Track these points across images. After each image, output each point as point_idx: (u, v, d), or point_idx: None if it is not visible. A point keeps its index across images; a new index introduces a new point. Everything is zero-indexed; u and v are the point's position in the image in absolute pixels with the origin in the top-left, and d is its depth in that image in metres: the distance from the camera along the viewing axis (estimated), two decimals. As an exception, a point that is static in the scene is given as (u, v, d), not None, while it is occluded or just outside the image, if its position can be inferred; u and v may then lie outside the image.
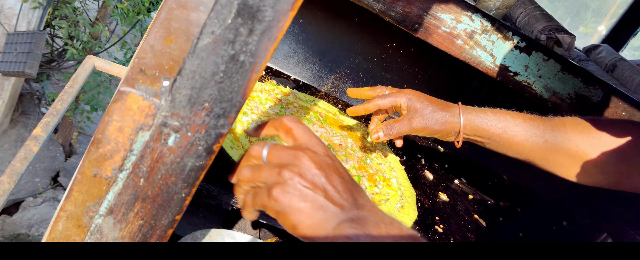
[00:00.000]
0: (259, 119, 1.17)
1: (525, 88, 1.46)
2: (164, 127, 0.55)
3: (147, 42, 0.65)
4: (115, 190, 0.56)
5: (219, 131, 0.56)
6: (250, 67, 0.53)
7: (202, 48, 0.52)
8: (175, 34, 0.69)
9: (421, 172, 1.42)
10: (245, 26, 0.52)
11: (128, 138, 0.54)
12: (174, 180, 0.57)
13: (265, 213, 0.90)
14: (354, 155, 1.26)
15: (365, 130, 1.43)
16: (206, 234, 0.89)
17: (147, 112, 0.54)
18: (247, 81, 0.54)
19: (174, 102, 0.54)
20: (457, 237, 1.19)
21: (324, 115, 1.37)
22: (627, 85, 1.63)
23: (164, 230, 0.59)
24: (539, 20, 1.54)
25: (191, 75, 0.53)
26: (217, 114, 0.55)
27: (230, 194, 0.91)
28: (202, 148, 0.56)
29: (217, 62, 0.53)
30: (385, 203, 1.16)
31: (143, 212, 0.58)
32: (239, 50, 0.52)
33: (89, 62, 1.62)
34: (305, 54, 2.01)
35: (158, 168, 0.56)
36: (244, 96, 0.55)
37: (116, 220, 0.57)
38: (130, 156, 0.55)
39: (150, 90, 0.54)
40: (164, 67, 0.60)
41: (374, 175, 1.23)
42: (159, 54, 0.62)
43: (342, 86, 2.06)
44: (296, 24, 1.99)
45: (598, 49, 1.83)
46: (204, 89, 0.54)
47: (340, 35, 2.04)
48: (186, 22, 0.75)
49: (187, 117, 0.55)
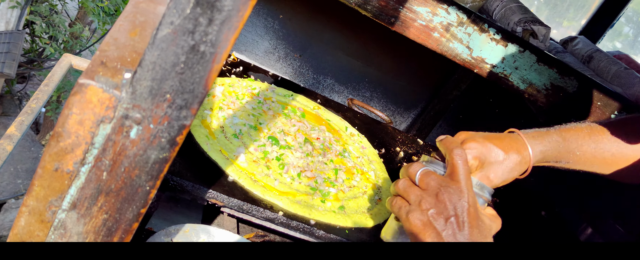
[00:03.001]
0: (235, 114, 1.17)
1: (502, 80, 1.47)
2: (126, 120, 0.54)
3: (110, 35, 0.64)
4: (77, 185, 0.55)
5: (182, 123, 0.55)
6: (211, 58, 0.53)
7: (161, 39, 0.52)
8: (141, 27, 0.69)
9: (400, 165, 1.42)
10: (205, 16, 0.51)
11: (89, 131, 0.54)
12: (137, 173, 0.56)
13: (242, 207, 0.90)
14: (332, 149, 1.26)
15: (344, 125, 1.44)
16: (180, 230, 0.88)
17: (107, 105, 0.54)
18: (208, 72, 0.54)
19: (135, 94, 0.53)
20: (435, 228, 1.19)
21: (302, 109, 1.37)
22: (603, 75, 1.65)
23: (129, 223, 0.58)
24: (515, 13, 1.55)
25: (151, 67, 0.53)
26: (180, 105, 0.54)
27: (204, 189, 0.91)
28: (165, 140, 0.56)
29: (178, 52, 0.52)
30: (363, 196, 1.16)
31: (107, 206, 0.57)
32: (199, 40, 0.52)
33: (65, 61, 1.60)
34: (286, 50, 2.01)
35: (121, 161, 0.55)
36: (205, 87, 0.54)
37: (80, 214, 0.57)
38: (91, 149, 0.55)
39: (110, 82, 0.54)
40: (126, 59, 0.59)
41: (351, 169, 1.23)
42: (122, 47, 0.62)
43: (323, 81, 2.06)
44: (276, 20, 1.98)
45: (575, 41, 1.84)
46: (165, 81, 0.53)
47: (320, 31, 2.04)
48: (153, 15, 0.74)
49: (148, 109, 0.54)
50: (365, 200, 1.15)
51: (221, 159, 1.00)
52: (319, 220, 1.00)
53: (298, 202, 1.00)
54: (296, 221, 0.96)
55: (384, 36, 1.84)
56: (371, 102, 2.09)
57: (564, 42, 1.91)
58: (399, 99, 2.15)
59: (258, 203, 0.95)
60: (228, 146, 1.05)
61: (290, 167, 1.09)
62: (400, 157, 1.48)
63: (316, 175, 1.11)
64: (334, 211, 1.05)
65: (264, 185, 1.00)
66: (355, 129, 1.45)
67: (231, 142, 1.07)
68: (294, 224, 0.96)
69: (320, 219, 1.00)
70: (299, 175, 1.08)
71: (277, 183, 1.02)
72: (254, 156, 1.07)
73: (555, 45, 1.88)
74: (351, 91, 2.07)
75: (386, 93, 2.10)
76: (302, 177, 1.08)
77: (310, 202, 1.03)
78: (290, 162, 1.11)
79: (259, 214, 0.94)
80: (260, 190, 0.98)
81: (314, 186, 1.08)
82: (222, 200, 0.92)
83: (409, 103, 2.15)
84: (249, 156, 1.06)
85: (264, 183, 1.01)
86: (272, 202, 0.97)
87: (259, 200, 0.96)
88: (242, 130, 1.12)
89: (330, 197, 1.08)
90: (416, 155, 1.55)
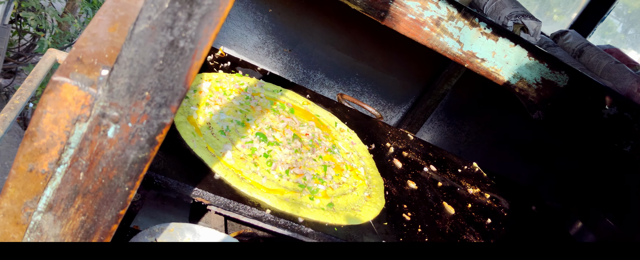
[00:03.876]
0: (222, 110, 1.15)
1: (493, 74, 1.46)
2: (103, 118, 0.52)
3: (88, 30, 0.62)
4: (53, 186, 0.54)
5: (162, 121, 0.53)
6: (191, 54, 0.51)
7: (139, 34, 0.50)
8: (120, 22, 0.67)
9: (390, 160, 1.41)
10: (184, 10, 0.50)
11: (64, 130, 0.52)
12: (116, 174, 0.54)
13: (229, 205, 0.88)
14: (321, 145, 1.24)
15: (333, 120, 1.42)
16: (165, 229, 0.87)
17: (83, 103, 0.52)
18: (188, 68, 0.52)
19: (112, 91, 0.52)
20: (425, 224, 1.18)
21: (291, 105, 1.35)
22: (594, 69, 1.64)
23: (108, 225, 0.56)
24: (506, 7, 1.54)
25: (129, 64, 0.51)
26: (159, 103, 0.53)
27: (189, 187, 0.89)
28: (144, 139, 0.54)
29: (156, 48, 0.50)
30: (352, 192, 1.15)
31: (84, 207, 0.55)
32: (178, 36, 0.50)
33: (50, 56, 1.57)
34: (275, 45, 1.99)
35: (98, 161, 0.54)
36: (185, 84, 0.52)
37: (56, 216, 0.55)
38: (67, 149, 0.53)
39: (86, 79, 0.52)
40: (104, 55, 0.57)
41: (340, 165, 1.22)
42: (100, 42, 0.60)
43: (313, 76, 2.04)
44: (265, 14, 1.96)
45: (565, 35, 1.84)
46: (144, 78, 0.51)
47: (310, 25, 2.02)
48: (133, 9, 0.72)
49: (126, 107, 0.52)
50: (355, 197, 1.13)
51: (207, 156, 0.98)
52: (307, 217, 0.98)
53: (286, 200, 0.98)
54: (284, 219, 0.94)
55: (375, 30, 1.83)
56: (362, 97, 2.07)
57: (555, 36, 1.91)
58: (389, 94, 2.13)
59: (245, 201, 0.93)
60: (215, 143, 1.03)
61: (278, 164, 1.07)
62: (391, 152, 1.47)
63: (305, 172, 1.10)
64: (322, 208, 1.03)
65: (251, 183, 0.98)
66: (345, 124, 1.44)
67: (218, 138, 1.06)
68: (282, 222, 0.95)
69: (308, 216, 0.99)
70: (288, 172, 1.07)
71: (264, 180, 1.01)
72: (241, 153, 1.05)
73: (546, 39, 1.87)
74: (341, 86, 2.05)
75: (377, 88, 2.09)
76: (290, 174, 1.07)
77: (298, 199, 1.02)
78: (279, 158, 1.09)
79: (246, 212, 0.93)
80: (247, 187, 0.96)
81: (303, 183, 1.07)
82: (208, 199, 0.91)
83: (400, 98, 2.14)
84: (236, 153, 1.04)
85: (251, 180, 0.99)
86: (259, 200, 0.95)
87: (246, 198, 0.94)
88: (229, 127, 1.10)
89: (319, 194, 1.07)
90: (406, 150, 1.53)
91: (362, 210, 1.10)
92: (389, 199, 1.20)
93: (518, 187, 1.81)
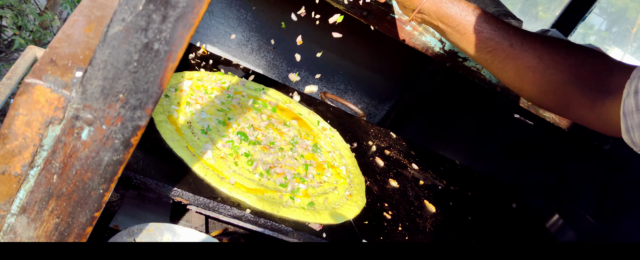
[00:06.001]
0: (203, 109, 1.14)
1: (474, 73, 1.47)
2: (76, 121, 0.52)
3: (63, 31, 0.61)
4: (26, 188, 0.53)
5: (136, 123, 0.53)
6: (166, 56, 0.51)
7: (113, 36, 0.50)
8: (97, 22, 0.66)
9: (372, 159, 1.42)
10: (158, 12, 0.49)
11: (37, 133, 0.51)
12: (90, 176, 0.54)
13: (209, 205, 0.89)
14: (302, 144, 1.24)
15: (316, 119, 1.42)
16: (144, 229, 0.86)
17: (56, 105, 0.51)
18: (163, 71, 0.52)
19: (85, 93, 0.51)
20: (405, 222, 1.19)
21: (273, 104, 1.35)
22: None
23: (82, 228, 0.56)
24: (488, 6, 1.55)
25: (103, 65, 0.51)
26: (133, 105, 0.52)
27: (169, 187, 0.89)
28: (119, 141, 0.54)
29: (130, 50, 0.50)
30: (334, 191, 1.15)
31: (58, 210, 0.55)
32: (152, 38, 0.50)
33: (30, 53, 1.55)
34: (259, 42, 1.98)
35: (72, 163, 0.53)
36: (160, 86, 0.52)
37: (30, 219, 0.55)
38: (40, 152, 0.52)
39: (59, 81, 0.52)
40: (78, 57, 0.57)
41: (322, 164, 1.22)
42: (75, 44, 0.59)
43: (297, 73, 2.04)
44: (249, 12, 1.95)
45: (547, 34, 1.86)
46: (118, 80, 0.51)
47: (294, 23, 2.01)
48: (110, 9, 0.71)
49: (100, 109, 0.52)
50: (336, 195, 1.14)
51: (187, 155, 0.98)
52: (288, 217, 0.99)
53: (266, 199, 0.99)
54: (264, 218, 0.95)
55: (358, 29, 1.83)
56: (345, 95, 2.08)
57: (536, 36, 1.92)
58: (373, 92, 2.14)
59: (225, 201, 0.93)
60: (195, 142, 1.03)
61: (259, 163, 1.07)
62: (373, 150, 1.48)
63: (286, 172, 1.10)
64: (303, 207, 1.03)
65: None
66: (327, 123, 1.44)
67: (198, 138, 1.05)
68: (262, 221, 0.95)
69: (288, 215, 0.99)
70: (268, 171, 1.07)
71: (244, 180, 1.01)
72: (221, 152, 1.05)
73: (527, 39, 1.89)
74: (325, 84, 2.05)
75: (360, 86, 2.09)
76: (271, 174, 1.07)
77: (279, 198, 1.02)
78: (260, 158, 1.09)
79: (225, 212, 0.93)
80: (227, 187, 0.96)
81: (284, 182, 1.07)
82: (187, 198, 0.90)
83: (384, 96, 2.15)
84: (217, 152, 1.04)
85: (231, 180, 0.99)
86: (239, 200, 0.95)
87: (226, 197, 0.94)
88: (210, 126, 1.10)
89: (299, 194, 1.07)
90: (389, 149, 1.54)
91: (342, 209, 1.10)
92: (370, 198, 1.21)
93: (500, 184, 1.83)
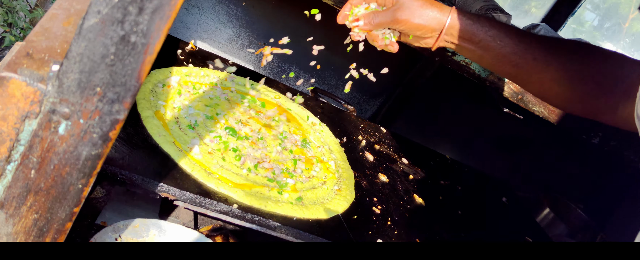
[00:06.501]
0: (191, 104, 1.14)
1: (464, 68, 1.47)
2: (53, 115, 0.51)
3: (41, 25, 0.61)
4: (3, 184, 0.53)
5: (114, 117, 0.53)
6: (143, 49, 0.51)
7: (88, 29, 0.49)
8: (76, 16, 0.65)
9: (362, 154, 1.41)
10: (134, 4, 0.49)
11: (13, 127, 0.51)
12: (68, 171, 0.54)
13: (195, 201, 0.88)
14: (291, 139, 1.24)
15: (305, 114, 1.42)
16: (129, 225, 0.86)
17: (32, 99, 0.51)
18: (140, 64, 0.51)
19: (62, 87, 0.51)
20: (395, 217, 1.19)
21: (263, 98, 1.35)
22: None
23: (61, 223, 0.56)
24: (477, 0, 1.55)
25: (79, 59, 0.50)
26: (111, 99, 0.52)
27: (155, 182, 0.88)
28: (97, 136, 0.53)
29: (107, 43, 0.50)
30: (322, 186, 1.15)
31: (37, 205, 0.54)
32: (129, 30, 0.50)
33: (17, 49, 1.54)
34: (249, 38, 1.97)
35: (50, 158, 0.53)
36: (138, 79, 0.52)
37: (8, 214, 0.54)
38: (17, 146, 0.52)
39: (35, 75, 0.51)
40: (56, 50, 0.56)
41: (311, 159, 1.22)
42: (53, 37, 0.59)
43: (288, 69, 2.03)
44: (239, 7, 1.94)
45: (537, 28, 1.86)
46: (95, 73, 0.51)
47: (285, 18, 2.00)
48: (91, 3, 0.71)
49: (77, 103, 0.51)
50: (324, 190, 1.14)
51: (174, 151, 0.98)
52: (275, 212, 0.98)
53: (254, 194, 0.98)
54: (251, 214, 0.94)
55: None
56: (336, 91, 2.07)
57: (527, 30, 1.93)
58: (364, 87, 2.14)
59: (212, 196, 0.93)
60: (182, 138, 1.03)
61: (247, 158, 1.07)
62: (363, 145, 1.47)
63: (274, 166, 1.10)
64: (291, 202, 1.03)
65: (218, 178, 0.98)
66: (317, 118, 1.44)
67: (186, 133, 1.05)
68: (249, 217, 0.94)
69: (276, 210, 0.99)
70: (256, 166, 1.06)
71: (232, 175, 1.00)
72: (209, 148, 1.04)
73: (517, 33, 1.89)
74: (316, 79, 2.05)
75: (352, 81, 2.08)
76: (259, 169, 1.07)
77: (266, 193, 1.01)
78: (248, 153, 1.09)
79: (212, 207, 0.92)
80: (214, 182, 0.95)
81: (272, 177, 1.07)
82: (174, 194, 0.90)
83: (374, 91, 2.14)
84: (204, 148, 1.03)
85: (218, 175, 0.98)
86: (226, 195, 0.95)
87: (213, 193, 0.94)
88: (197, 121, 1.09)
89: (287, 188, 1.07)
90: (379, 143, 1.54)
91: (331, 203, 1.10)
92: (359, 192, 1.21)
93: (490, 178, 1.84)
